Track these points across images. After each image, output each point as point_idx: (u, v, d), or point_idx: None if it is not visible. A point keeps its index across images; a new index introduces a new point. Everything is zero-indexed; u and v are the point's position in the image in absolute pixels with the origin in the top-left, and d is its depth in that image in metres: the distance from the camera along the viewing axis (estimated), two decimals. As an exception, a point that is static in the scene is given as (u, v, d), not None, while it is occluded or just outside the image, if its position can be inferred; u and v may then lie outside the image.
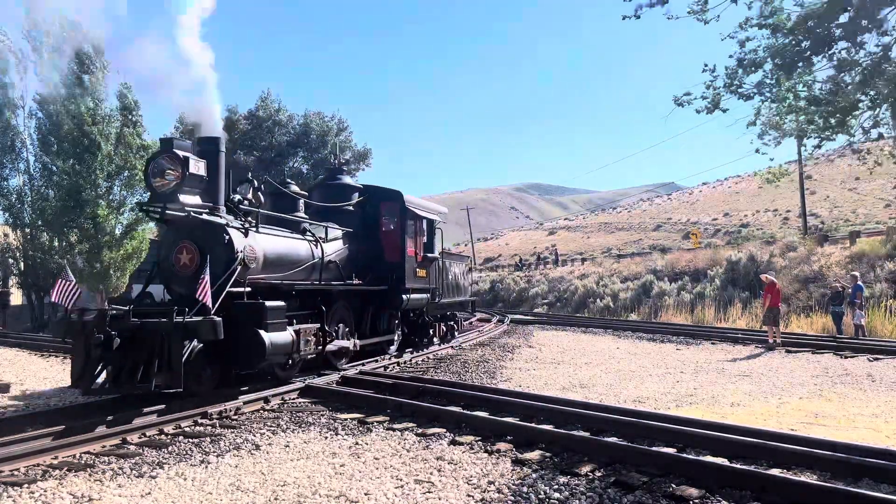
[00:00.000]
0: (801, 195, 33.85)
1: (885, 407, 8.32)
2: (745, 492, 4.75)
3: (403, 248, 12.81)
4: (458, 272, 17.05)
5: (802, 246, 26.01)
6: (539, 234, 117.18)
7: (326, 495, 4.87)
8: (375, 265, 12.64)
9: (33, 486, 5.01)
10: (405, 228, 12.97)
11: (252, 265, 8.93)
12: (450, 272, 16.07)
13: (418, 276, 13.40)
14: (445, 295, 15.49)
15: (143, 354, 7.25)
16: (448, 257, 16.38)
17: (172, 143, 8.45)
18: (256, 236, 9.32)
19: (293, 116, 40.86)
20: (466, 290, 18.14)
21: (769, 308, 15.48)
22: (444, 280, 15.36)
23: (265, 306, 8.18)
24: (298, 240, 10.63)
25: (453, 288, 16.36)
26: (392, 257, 12.89)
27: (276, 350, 8.25)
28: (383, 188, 14.16)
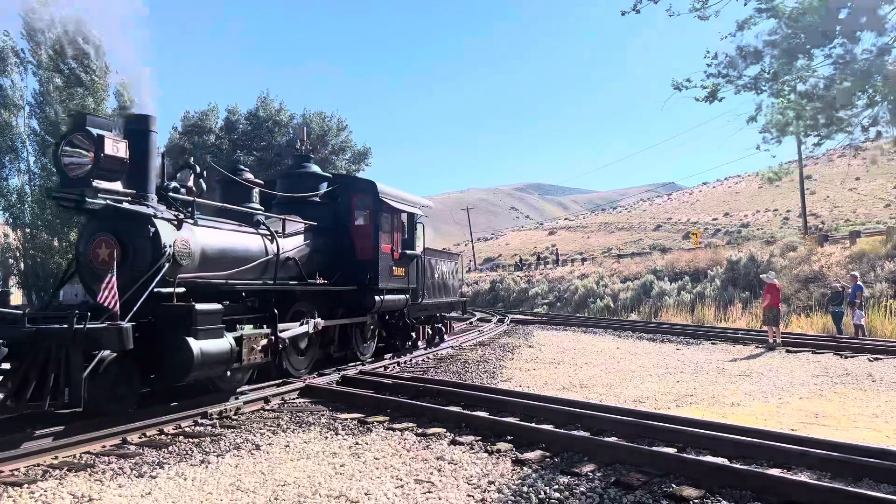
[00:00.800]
0: (801, 195, 33.85)
1: (885, 407, 8.32)
2: (745, 492, 4.75)
3: (377, 245, 11.60)
4: (446, 271, 16.05)
5: (802, 246, 26.02)
6: (539, 234, 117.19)
7: (327, 495, 4.87)
8: (346, 263, 11.45)
9: (33, 486, 5.01)
10: (379, 222, 11.74)
11: (185, 262, 7.81)
12: (435, 271, 15.03)
13: (395, 276, 12.26)
14: (430, 295, 14.48)
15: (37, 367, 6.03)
16: (433, 255, 15.34)
17: (86, 119, 7.24)
18: (194, 229, 8.15)
19: (293, 116, 40.87)
20: (456, 291, 17.11)
21: (768, 308, 15.51)
22: (427, 279, 14.27)
23: (194, 310, 7.02)
24: (249, 234, 9.38)
25: (439, 288, 15.30)
26: (364, 254, 11.67)
27: (209, 360, 7.09)
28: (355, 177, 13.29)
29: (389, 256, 12.03)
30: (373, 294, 11.47)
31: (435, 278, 14.96)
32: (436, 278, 15.02)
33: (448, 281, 16.13)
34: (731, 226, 75.17)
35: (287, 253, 10.06)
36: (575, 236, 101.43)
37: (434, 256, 15.22)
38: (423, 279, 13.83)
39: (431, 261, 14.77)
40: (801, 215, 35.63)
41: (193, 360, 6.84)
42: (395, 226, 12.41)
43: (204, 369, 7.13)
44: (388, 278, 11.98)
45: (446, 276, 15.99)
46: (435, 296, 14.96)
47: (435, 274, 14.98)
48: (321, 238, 11.22)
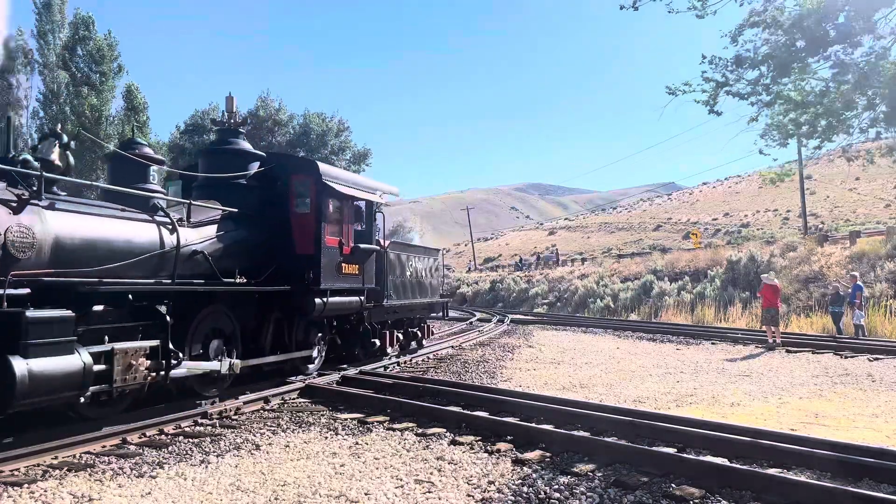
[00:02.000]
0: (801, 195, 33.87)
1: (885, 407, 8.32)
2: (745, 492, 4.75)
3: (319, 237, 9.78)
4: (422, 268, 14.50)
5: (802, 246, 26.02)
6: (539, 234, 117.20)
7: (327, 495, 4.88)
8: (282, 259, 9.69)
9: (33, 486, 5.01)
10: (322, 211, 9.89)
11: (26, 254, 6.13)
12: (406, 268, 13.50)
13: (345, 274, 10.44)
14: (399, 296, 12.96)
15: None
16: (403, 250, 13.80)
17: None
18: (44, 213, 6.44)
19: (293, 116, 40.90)
20: (435, 290, 15.48)
21: (766, 308, 15.55)
22: (395, 278, 12.77)
23: (24, 318, 5.43)
24: (136, 221, 7.56)
25: (412, 287, 13.72)
26: (304, 249, 9.85)
27: (46, 384, 5.48)
28: (293, 157, 11.66)
29: (337, 251, 10.19)
30: (313, 296, 9.62)
31: (406, 277, 13.47)
32: (407, 277, 13.51)
33: (424, 279, 14.63)
34: (731, 226, 75.19)
35: (193, 245, 8.22)
36: (575, 236, 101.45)
37: (404, 252, 13.69)
38: (387, 278, 12.33)
39: (401, 257, 13.31)
40: (801, 215, 35.65)
41: (18, 386, 5.21)
42: (345, 215, 10.53)
43: (39, 396, 5.49)
44: (335, 277, 10.17)
45: (422, 274, 14.50)
46: (406, 296, 13.42)
47: (406, 272, 13.49)
48: (246, 228, 9.36)
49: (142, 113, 28.56)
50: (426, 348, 14.80)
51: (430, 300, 15.10)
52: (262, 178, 10.06)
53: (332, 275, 10.11)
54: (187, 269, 8.15)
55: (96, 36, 28.40)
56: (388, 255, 12.43)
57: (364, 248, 10.89)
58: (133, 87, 28.35)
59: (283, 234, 9.89)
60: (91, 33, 28.43)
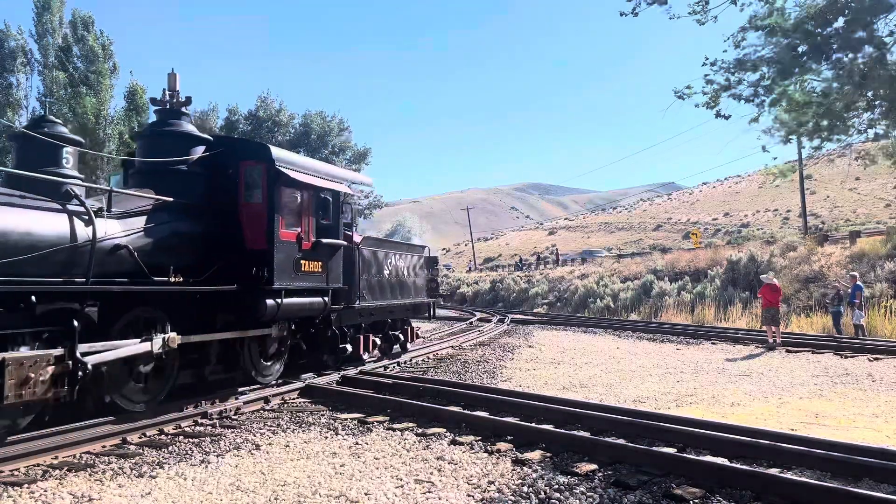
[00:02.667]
0: (801, 195, 33.87)
1: (885, 407, 8.32)
2: (745, 492, 4.76)
3: (273, 230, 8.71)
4: (405, 266, 13.38)
5: (803, 246, 26.01)
6: (539, 234, 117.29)
7: (327, 495, 4.88)
8: (231, 255, 8.66)
9: (33, 486, 5.01)
10: (276, 201, 8.81)
11: None
12: (384, 266, 12.36)
13: (305, 272, 9.35)
14: (376, 296, 11.83)
15: None
16: (381, 246, 12.56)
17: None
18: None
19: (294, 116, 40.92)
20: (420, 290, 14.31)
21: (766, 308, 15.56)
22: (370, 277, 11.65)
23: None
24: (39, 210, 6.58)
25: (391, 287, 12.62)
26: (256, 243, 8.81)
27: None
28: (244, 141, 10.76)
29: (295, 246, 9.14)
30: (265, 296, 8.52)
31: (384, 276, 12.33)
32: (385, 276, 12.38)
33: (407, 279, 13.51)
34: (731, 226, 75.24)
35: (116, 239, 7.28)
36: (575, 236, 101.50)
37: (382, 248, 12.51)
38: (360, 277, 11.23)
39: (378, 254, 12.16)
40: (801, 215, 35.65)
41: None
42: (304, 206, 9.45)
43: None
44: (293, 275, 9.10)
45: (404, 272, 13.35)
46: (384, 297, 12.28)
47: (384, 270, 12.35)
48: (186, 220, 8.35)
49: (144, 114, 28.58)
50: (411, 352, 13.70)
51: (415, 301, 13.92)
52: (209, 165, 8.99)
53: (289, 273, 9.06)
54: (109, 265, 7.14)
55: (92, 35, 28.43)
56: (362, 253, 11.37)
57: (328, 243, 9.80)
58: (138, 87, 28.38)
59: (232, 227, 8.91)
60: (90, 33, 28.47)
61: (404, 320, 13.89)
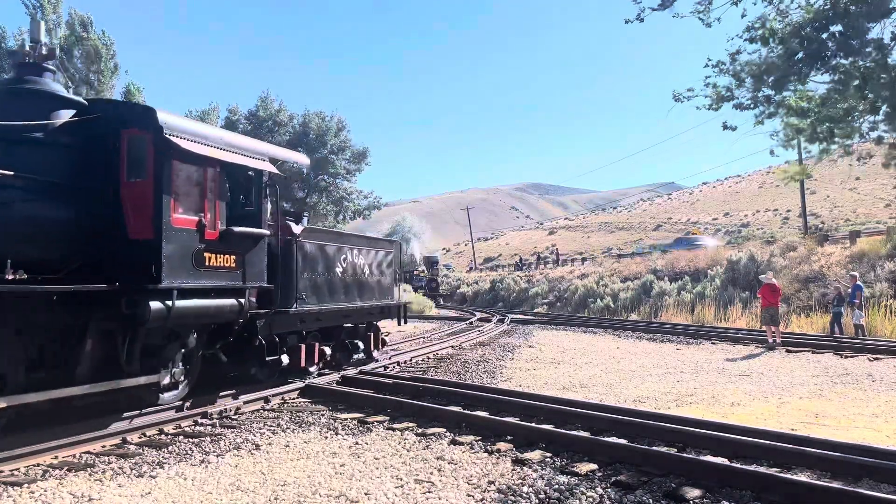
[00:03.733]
0: (801, 195, 33.87)
1: (885, 407, 8.32)
2: (745, 492, 4.76)
3: (160, 216, 6.91)
4: (365, 263, 11.43)
5: (802, 246, 26.02)
6: (539, 234, 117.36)
7: (327, 495, 4.88)
8: (109, 246, 7.02)
9: (33, 486, 5.02)
10: (165, 179, 7.01)
11: None
12: (335, 263, 10.38)
13: (211, 267, 7.57)
14: (319, 298, 9.86)
15: None
16: (331, 239, 10.64)
17: None
18: None
19: (293, 116, 40.93)
20: (386, 291, 12.39)
21: (766, 308, 15.57)
22: (313, 275, 9.72)
23: None
24: None
25: (346, 287, 10.70)
26: (139, 231, 7.05)
27: None
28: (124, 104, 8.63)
29: (194, 235, 7.37)
30: (149, 297, 6.68)
31: (336, 274, 10.41)
32: (338, 274, 10.47)
33: (369, 278, 11.59)
34: (731, 226, 75.25)
35: None
36: (575, 236, 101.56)
37: (334, 242, 10.59)
38: (299, 275, 9.30)
39: (328, 249, 10.22)
40: (801, 215, 35.66)
41: None
42: (209, 186, 7.67)
43: None
44: (191, 271, 7.30)
45: (364, 270, 11.44)
46: (337, 299, 10.43)
47: (335, 268, 10.42)
48: (38, 201, 6.59)
49: None
50: (379, 362, 12.07)
51: (380, 303, 12.00)
52: (82, 134, 7.22)
53: (185, 268, 7.25)
54: None
55: (93, 36, 28.43)
56: (303, 246, 9.46)
57: (244, 233, 8.00)
58: (134, 87, 28.35)
59: (110, 211, 7.13)
60: (89, 33, 28.46)
61: (370, 325, 12.12)
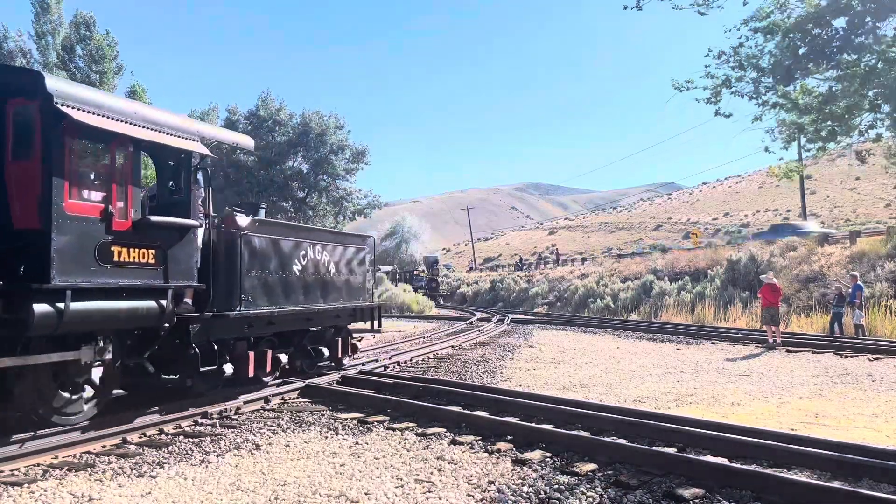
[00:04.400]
0: (801, 195, 33.89)
1: (886, 407, 8.33)
2: (745, 492, 4.76)
3: (49, 200, 5.90)
4: (331, 260, 10.20)
5: (803, 246, 26.02)
6: (539, 234, 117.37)
7: (327, 495, 4.88)
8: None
9: (33, 486, 5.01)
10: (56, 157, 6.02)
11: None
12: (292, 260, 9.19)
13: (122, 263, 6.51)
14: (271, 300, 8.62)
15: None
16: (289, 233, 9.44)
17: None
18: None
19: (293, 115, 40.95)
20: (357, 292, 11.06)
21: (766, 308, 15.58)
22: (263, 273, 8.45)
23: None
24: None
25: (306, 288, 9.48)
26: (25, 219, 6.15)
27: None
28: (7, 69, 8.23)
29: (97, 225, 6.35)
30: (33, 298, 5.68)
31: (293, 273, 9.18)
32: (295, 273, 9.23)
33: (336, 277, 10.36)
34: (731, 226, 75.25)
35: None
36: (575, 236, 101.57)
37: (292, 237, 9.34)
38: (244, 273, 8.05)
39: (283, 244, 8.98)
40: (802, 215, 35.65)
41: None
42: (117, 167, 6.75)
43: None
44: (94, 267, 6.27)
45: (330, 269, 10.20)
46: (294, 300, 9.20)
47: (293, 265, 9.20)
48: None
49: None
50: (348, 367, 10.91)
51: (349, 305, 10.73)
52: None
53: (85, 263, 6.20)
54: None
55: (96, 36, 28.47)
56: (250, 241, 8.19)
57: (165, 222, 6.94)
58: (139, 88, 28.40)
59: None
60: (92, 33, 28.50)
61: (340, 329, 10.82)
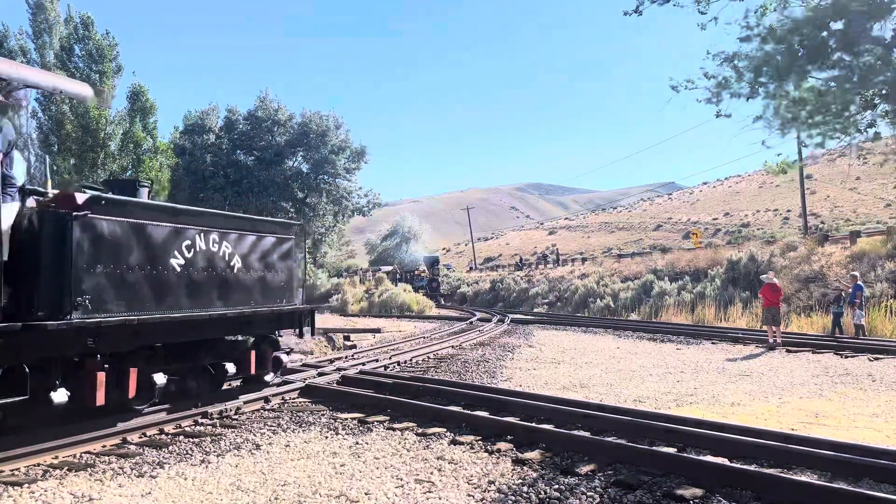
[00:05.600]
0: (801, 195, 33.87)
1: (886, 407, 8.32)
2: (746, 492, 4.76)
3: None
4: (234, 254, 7.98)
5: (803, 246, 26.02)
6: (539, 234, 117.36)
7: (327, 495, 4.88)
8: None
9: (33, 486, 5.01)
10: None
11: None
12: (171, 253, 7.06)
13: None
14: (130, 305, 6.46)
15: None
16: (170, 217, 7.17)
17: None
18: None
19: (292, 116, 40.94)
20: (280, 292, 8.79)
21: (766, 308, 15.59)
22: (114, 269, 6.33)
23: None
24: None
25: (193, 289, 7.31)
26: None
27: None
28: None
29: None
30: None
31: (170, 268, 7.01)
32: (174, 268, 7.06)
33: (244, 275, 8.17)
34: (732, 225, 75.25)
35: None
36: (575, 236, 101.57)
37: (168, 221, 7.08)
38: (81, 269, 6.00)
39: (150, 231, 6.81)
40: (802, 215, 35.64)
41: None
42: None
43: None
44: None
45: (235, 264, 8.00)
46: (174, 304, 7.06)
47: (169, 259, 7.05)
48: None
49: (150, 115, 28.68)
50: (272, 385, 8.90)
51: (264, 309, 8.39)
52: None
53: None
54: None
55: (95, 35, 28.48)
56: (94, 225, 6.18)
57: None
58: (142, 88, 28.45)
59: None
60: (90, 33, 28.50)
61: (264, 338, 8.75)
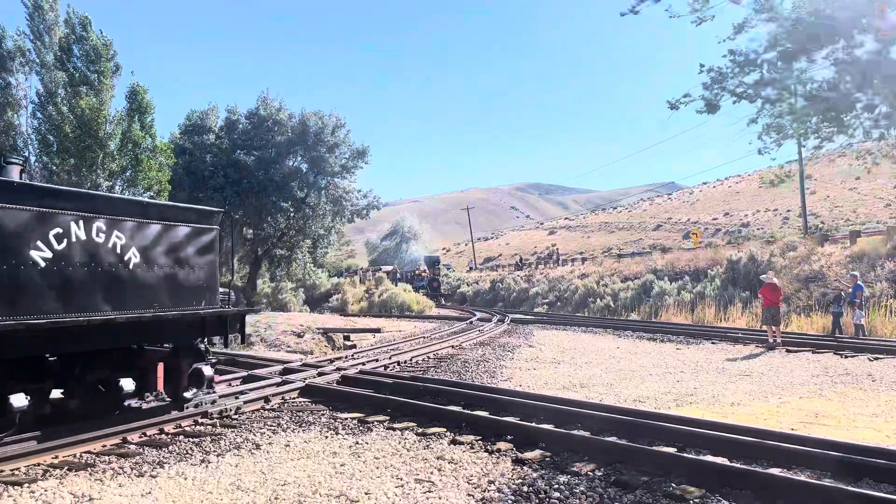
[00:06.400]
0: (801, 195, 33.87)
1: (886, 407, 8.32)
2: (746, 492, 4.76)
3: None
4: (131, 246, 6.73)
5: (803, 246, 26.02)
6: (539, 234, 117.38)
7: (327, 494, 4.88)
8: None
9: (34, 486, 5.02)
10: None
11: None
12: (28, 244, 5.81)
13: None
14: None
15: None
16: (36, 199, 5.96)
17: None
18: None
19: (292, 115, 40.92)
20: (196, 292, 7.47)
21: (766, 308, 15.59)
22: None
23: None
24: None
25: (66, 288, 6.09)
26: None
27: None
28: None
29: None
30: None
31: (30, 264, 5.83)
32: (37, 263, 5.87)
33: (145, 272, 6.88)
34: (732, 225, 75.26)
35: None
36: (575, 236, 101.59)
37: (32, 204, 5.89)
38: None
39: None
40: (801, 215, 35.63)
41: None
42: None
43: None
44: None
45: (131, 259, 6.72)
46: (36, 308, 5.82)
47: (29, 253, 5.83)
48: None
49: (147, 113, 28.65)
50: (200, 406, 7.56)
51: (175, 313, 7.10)
52: None
53: None
54: None
55: (92, 36, 28.48)
56: None
57: None
58: (140, 87, 28.44)
59: None
60: (88, 33, 28.50)
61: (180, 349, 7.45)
